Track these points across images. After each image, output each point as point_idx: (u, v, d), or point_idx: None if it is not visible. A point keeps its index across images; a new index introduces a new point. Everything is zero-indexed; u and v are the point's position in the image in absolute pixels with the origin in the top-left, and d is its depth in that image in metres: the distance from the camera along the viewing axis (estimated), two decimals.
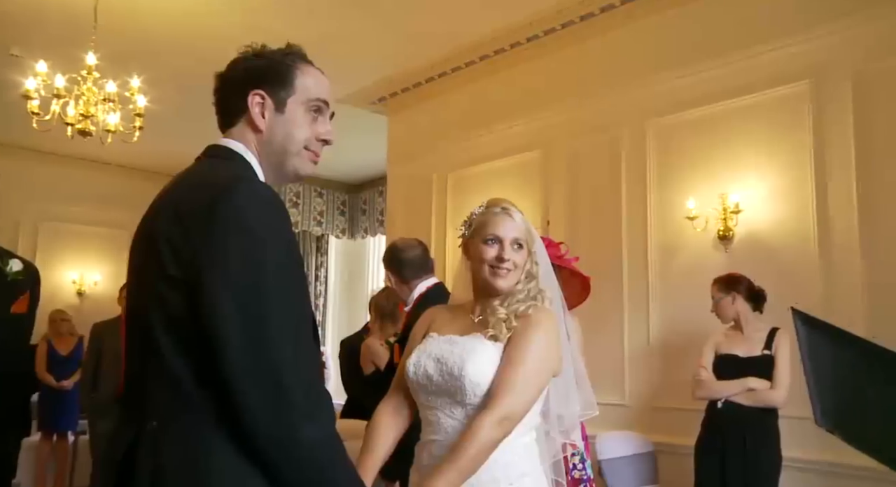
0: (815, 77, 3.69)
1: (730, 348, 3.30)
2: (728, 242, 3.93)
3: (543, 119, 4.96)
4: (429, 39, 5.14)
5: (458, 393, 1.68)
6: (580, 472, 2.89)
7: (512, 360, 1.67)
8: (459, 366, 1.68)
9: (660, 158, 4.30)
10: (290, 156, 1.34)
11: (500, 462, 1.65)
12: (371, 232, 8.51)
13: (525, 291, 1.78)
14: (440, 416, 1.72)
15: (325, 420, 1.13)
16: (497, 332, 1.72)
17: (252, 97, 1.31)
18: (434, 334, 1.83)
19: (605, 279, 4.17)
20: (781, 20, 3.81)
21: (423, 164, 5.89)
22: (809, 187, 3.67)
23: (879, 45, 3.47)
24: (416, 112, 5.99)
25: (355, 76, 5.68)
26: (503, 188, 5.00)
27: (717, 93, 4.02)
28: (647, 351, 4.21)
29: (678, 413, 3.78)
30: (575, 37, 4.78)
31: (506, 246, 1.76)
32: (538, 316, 1.74)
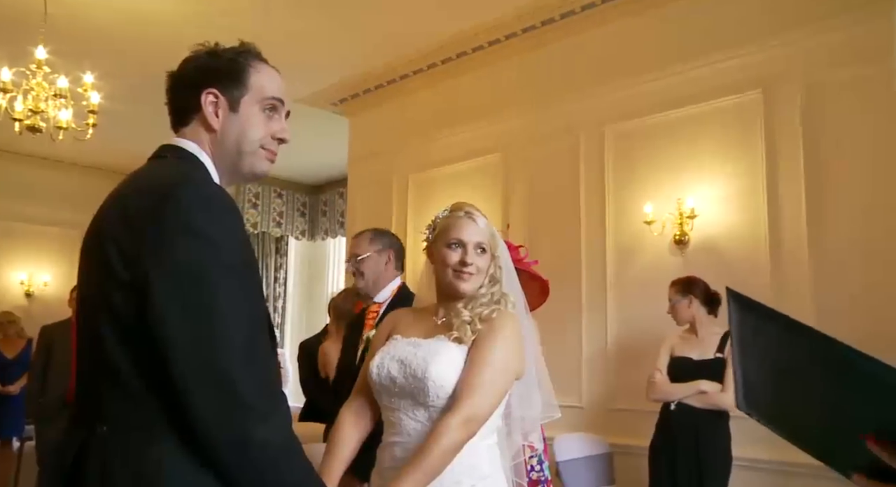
0: (766, 87, 3.79)
1: (684, 351, 3.37)
2: (684, 246, 4.01)
3: (504, 122, 5.00)
4: (390, 41, 5.13)
5: (420, 394, 1.69)
6: (538, 473, 2.91)
7: (477, 363, 1.68)
8: (423, 368, 1.69)
9: (618, 163, 4.37)
10: (245, 156, 1.32)
11: (463, 464, 1.65)
12: (331, 233, 8.46)
13: (489, 295, 1.80)
14: (402, 418, 1.72)
15: (280, 421, 1.12)
16: (461, 335, 1.73)
17: (205, 96, 1.29)
18: (397, 336, 1.84)
19: (564, 282, 4.21)
20: (735, 31, 3.91)
21: (385, 166, 5.88)
22: (761, 194, 3.77)
23: (828, 58, 3.58)
24: (378, 113, 5.97)
25: (316, 76, 5.64)
26: (464, 191, 5.02)
27: (674, 101, 4.10)
28: (604, 354, 4.26)
29: (634, 414, 3.84)
30: (535, 41, 4.83)
31: (469, 251, 1.78)
32: (502, 319, 1.75)
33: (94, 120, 4.48)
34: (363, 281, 2.73)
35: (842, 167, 3.52)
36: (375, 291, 2.75)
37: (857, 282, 3.37)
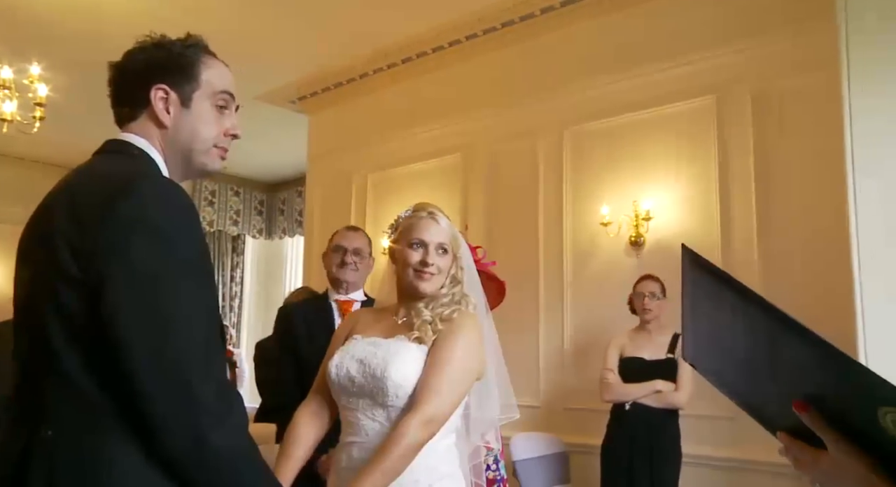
0: (719, 93, 3.89)
1: (635, 351, 3.41)
2: (639, 248, 4.08)
3: (464, 123, 5.01)
4: (350, 39, 5.10)
5: (379, 394, 1.68)
6: (494, 473, 2.92)
7: (437, 363, 1.68)
8: (382, 368, 1.68)
9: (576, 165, 4.42)
10: (197, 154, 1.30)
11: (421, 464, 1.65)
12: (289, 232, 8.37)
13: (450, 295, 1.80)
14: (361, 418, 1.71)
15: (236, 422, 1.10)
16: (422, 334, 1.73)
17: (155, 92, 1.26)
18: (357, 336, 1.83)
19: (522, 282, 4.25)
20: (690, 38, 4.00)
21: (344, 165, 5.85)
22: (714, 197, 3.86)
23: (776, 66, 3.69)
24: (337, 112, 5.93)
25: (274, 73, 5.57)
26: (424, 191, 5.02)
27: (631, 104, 4.17)
28: (561, 353, 4.31)
29: (590, 413, 3.88)
30: (496, 43, 4.85)
31: (430, 251, 1.78)
32: (463, 320, 1.76)
33: (42, 113, 4.35)
34: (356, 276, 2.72)
35: (789, 172, 3.63)
36: (356, 289, 2.75)
37: (800, 283, 3.48)
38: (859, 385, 0.72)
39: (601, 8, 4.36)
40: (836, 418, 0.77)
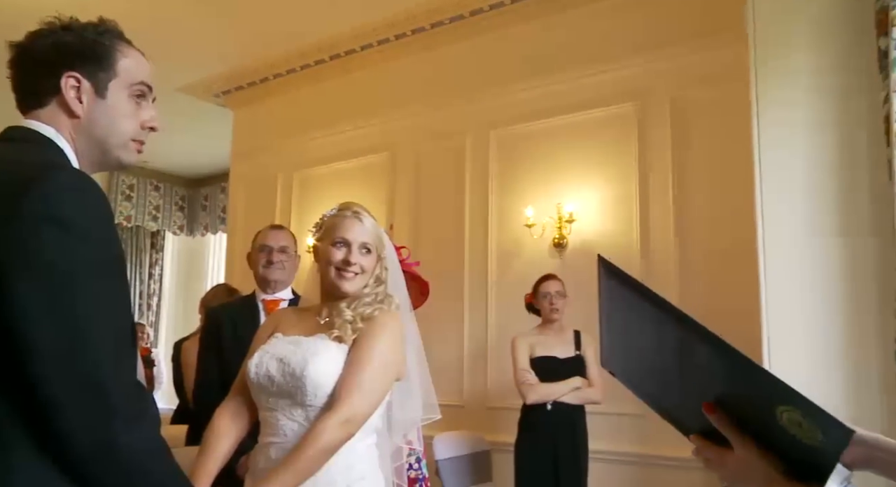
0: (639, 100, 4.02)
1: (546, 350, 3.45)
2: (562, 249, 4.17)
3: (391, 122, 5.01)
4: (278, 34, 5.01)
5: (298, 393, 1.66)
6: (416, 472, 2.93)
7: (357, 362, 1.67)
8: (302, 367, 1.66)
9: (501, 167, 4.49)
10: (113, 148, 1.24)
11: (339, 464, 1.64)
12: (212, 229, 8.15)
13: (373, 295, 1.80)
14: (280, 418, 1.69)
15: (148, 424, 1.07)
16: (342, 334, 1.72)
17: (66, 80, 1.19)
18: (279, 334, 1.80)
19: (447, 282, 4.28)
20: (612, 45, 4.11)
21: (269, 162, 5.74)
22: (634, 201, 3.99)
23: (692, 76, 3.85)
24: (263, 107, 5.82)
25: (198, 65, 5.42)
26: (349, 190, 4.99)
27: (556, 108, 4.26)
28: (485, 353, 4.36)
29: (513, 412, 3.93)
30: (425, 43, 4.87)
31: (353, 250, 1.77)
32: (384, 318, 1.75)
33: None
34: (283, 275, 2.70)
35: (704, 178, 3.78)
36: (283, 287, 2.72)
37: (712, 284, 3.63)
38: (759, 386, 0.76)
39: (528, 13, 4.44)
40: (742, 419, 0.81)
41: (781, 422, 0.75)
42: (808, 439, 0.73)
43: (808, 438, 0.73)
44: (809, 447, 0.74)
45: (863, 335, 2.49)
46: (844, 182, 2.57)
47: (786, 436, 0.75)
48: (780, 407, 0.74)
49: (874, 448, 0.94)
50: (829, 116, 2.61)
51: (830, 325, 2.54)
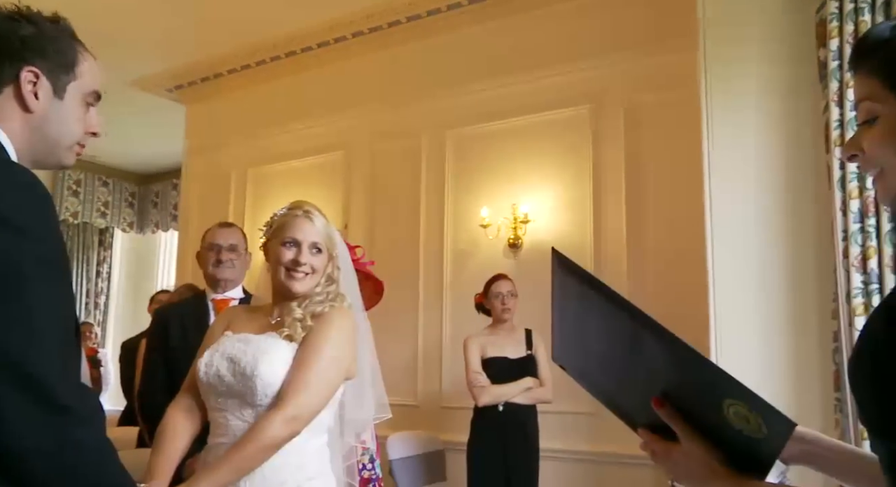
0: (594, 103, 4.08)
1: (498, 350, 3.47)
2: (517, 250, 4.20)
3: (347, 121, 4.98)
4: (232, 29, 4.93)
5: (249, 393, 1.64)
6: (370, 472, 2.92)
7: (305, 359, 1.65)
8: (252, 366, 1.64)
9: (457, 167, 4.50)
10: (60, 150, 1.22)
11: (290, 464, 1.63)
12: (163, 226, 7.98)
13: (324, 294, 1.78)
14: (229, 418, 1.66)
15: (96, 425, 1.05)
16: (292, 332, 1.70)
17: (26, 73, 1.16)
18: (229, 333, 1.78)
19: (402, 282, 4.28)
20: (568, 48, 4.17)
21: (223, 158, 5.66)
22: (588, 202, 4.05)
23: (646, 79, 3.92)
24: (217, 103, 5.72)
25: (150, 59, 5.30)
26: (304, 188, 4.95)
27: (512, 110, 4.30)
28: (439, 353, 4.37)
29: (467, 412, 3.95)
30: (382, 42, 4.85)
31: (303, 250, 1.75)
32: (334, 315, 1.74)
33: None
34: (233, 273, 2.65)
35: (656, 180, 3.86)
36: (234, 286, 2.68)
37: (663, 284, 3.71)
38: (707, 380, 0.79)
39: (485, 14, 4.46)
40: (689, 413, 0.83)
41: (727, 416, 0.77)
42: (752, 432, 0.76)
43: (752, 431, 0.75)
44: (753, 440, 0.76)
45: (804, 334, 2.58)
46: (790, 186, 2.66)
47: (731, 430, 0.78)
48: (727, 401, 0.76)
49: (813, 445, 0.97)
50: (775, 122, 2.70)
51: (775, 325, 2.63)
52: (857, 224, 2.35)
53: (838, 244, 2.40)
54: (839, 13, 2.43)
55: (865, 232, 2.33)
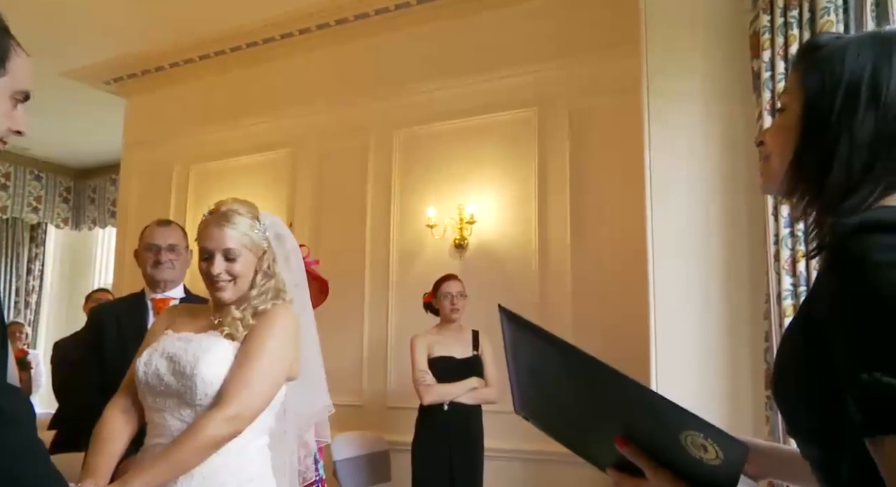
0: (540, 106, 4.14)
1: (445, 350, 3.49)
2: (463, 250, 4.23)
3: (294, 118, 4.92)
4: (176, 22, 4.81)
5: (188, 393, 1.61)
6: (313, 473, 2.89)
7: (246, 357, 1.63)
8: (192, 365, 1.61)
9: (405, 167, 4.51)
10: None
11: (230, 466, 1.60)
12: (100, 223, 7.73)
13: (263, 291, 1.75)
14: (168, 419, 1.63)
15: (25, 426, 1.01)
16: (233, 331, 1.67)
17: None
18: (169, 331, 1.75)
19: (348, 281, 4.27)
20: (516, 51, 4.21)
21: (164, 154, 5.52)
22: (533, 204, 4.10)
23: (591, 84, 4.00)
24: (159, 97, 5.58)
25: (87, 50, 5.12)
26: (249, 185, 4.87)
27: (459, 111, 4.32)
28: (385, 353, 4.37)
29: (413, 412, 3.96)
30: (329, 39, 4.82)
31: (216, 261, 1.70)
32: (276, 312, 1.71)
33: None
34: (173, 274, 2.57)
35: (600, 182, 3.94)
36: (174, 286, 2.61)
37: (607, 284, 3.79)
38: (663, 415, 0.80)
39: (434, 15, 4.47)
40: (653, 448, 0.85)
41: (687, 447, 0.79)
42: (711, 460, 0.78)
43: (711, 459, 0.78)
44: (713, 467, 0.78)
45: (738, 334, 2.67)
46: (727, 191, 2.75)
47: (692, 460, 0.80)
48: (684, 432, 0.78)
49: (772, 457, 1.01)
50: (714, 128, 2.79)
51: (711, 324, 2.72)
52: (787, 229, 2.45)
53: (770, 248, 2.49)
54: (770, 26, 2.53)
55: (795, 236, 2.43)
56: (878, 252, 0.68)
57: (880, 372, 0.65)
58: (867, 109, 0.82)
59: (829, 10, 2.40)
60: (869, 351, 0.68)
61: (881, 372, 0.65)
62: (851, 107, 0.83)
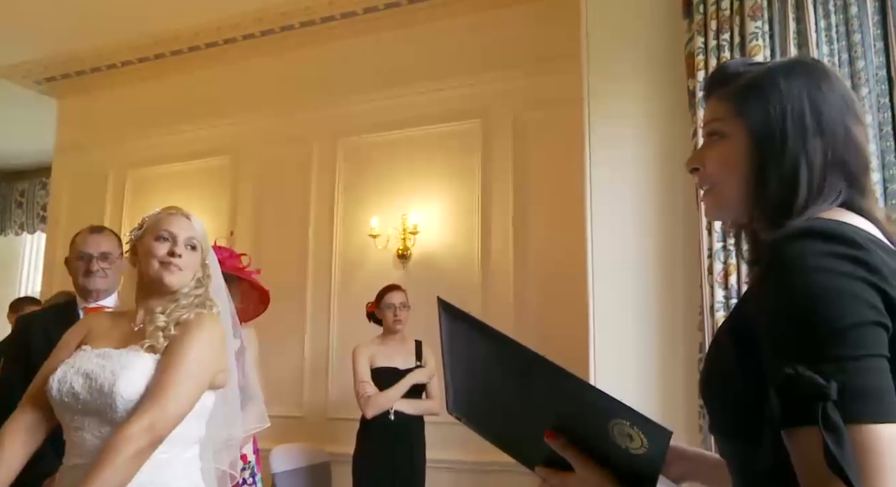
0: (484, 117, 4.19)
1: (387, 360, 3.46)
2: (406, 260, 4.23)
3: (236, 125, 4.84)
4: (115, 22, 4.66)
5: (108, 410, 1.55)
6: (250, 486, 2.84)
7: (166, 365, 1.58)
8: (111, 382, 1.55)
9: (348, 176, 4.48)
10: None
11: (157, 480, 1.55)
12: (28, 228, 7.42)
13: (191, 297, 1.72)
14: (87, 438, 1.57)
15: None
16: (154, 342, 1.62)
17: None
18: (87, 347, 1.67)
19: (289, 291, 4.21)
20: (461, 63, 4.25)
21: (100, 158, 5.34)
22: (476, 214, 4.13)
23: (534, 96, 4.06)
24: (94, 99, 5.40)
25: (16, 47, 4.92)
26: (189, 192, 4.77)
27: (404, 120, 4.33)
28: (326, 364, 4.32)
29: (355, 423, 3.92)
30: (274, 46, 4.76)
31: (179, 243, 1.71)
32: (198, 321, 1.67)
33: None
34: (106, 283, 2.46)
35: (542, 194, 4.01)
36: (107, 295, 2.50)
37: (549, 295, 3.85)
38: (593, 404, 0.82)
39: (379, 25, 4.48)
40: (581, 440, 0.87)
41: (614, 436, 0.81)
42: (637, 448, 0.80)
43: (636, 448, 0.80)
44: (638, 456, 0.81)
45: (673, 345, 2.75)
46: (664, 206, 2.84)
47: (619, 450, 0.82)
48: (612, 422, 0.80)
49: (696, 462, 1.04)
50: (652, 144, 2.88)
51: (647, 335, 2.79)
52: (720, 243, 2.54)
53: (703, 261, 2.58)
54: (704, 48, 2.63)
55: (727, 250, 2.53)
56: (812, 256, 0.74)
57: (802, 366, 0.70)
58: (814, 135, 0.87)
59: (757, 35, 2.51)
60: (793, 347, 0.73)
61: (803, 366, 0.70)
62: (802, 133, 0.87)
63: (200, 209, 1.86)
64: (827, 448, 0.66)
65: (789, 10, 2.50)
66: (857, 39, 2.40)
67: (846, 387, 0.69)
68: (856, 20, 2.40)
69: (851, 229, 0.79)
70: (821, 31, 2.46)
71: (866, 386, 0.70)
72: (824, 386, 0.68)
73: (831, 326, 0.71)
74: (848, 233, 0.77)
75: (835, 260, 0.74)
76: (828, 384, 0.68)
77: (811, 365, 0.70)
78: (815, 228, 0.78)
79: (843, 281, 0.72)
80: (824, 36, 2.46)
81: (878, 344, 0.72)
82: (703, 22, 2.66)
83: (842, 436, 0.67)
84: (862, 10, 2.40)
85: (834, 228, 0.78)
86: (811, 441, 0.68)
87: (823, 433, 0.67)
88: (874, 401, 0.69)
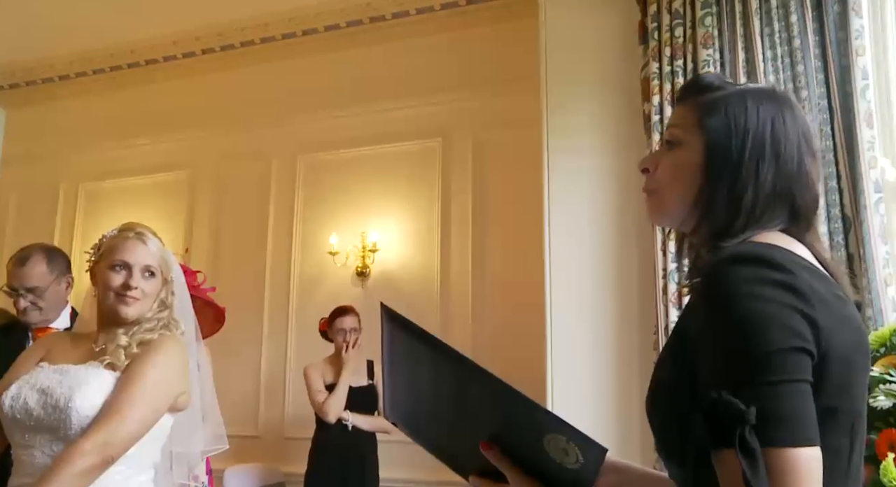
0: (444, 137, 4.23)
1: (339, 378, 3.45)
2: (365, 278, 4.21)
3: (194, 140, 4.79)
4: (69, 32, 4.56)
5: (62, 427, 1.51)
6: None
7: (125, 383, 1.55)
8: (67, 397, 1.51)
9: (308, 193, 4.46)
10: None
11: None
12: None
13: (155, 321, 1.70)
14: (37, 456, 1.52)
15: None
16: (114, 360, 1.59)
17: None
18: (44, 364, 1.63)
19: (246, 308, 4.16)
20: (422, 82, 4.28)
21: (50, 171, 5.20)
22: (436, 233, 4.15)
23: (494, 117, 4.12)
24: (46, 110, 5.27)
25: None
26: (144, 207, 4.68)
27: (364, 138, 4.34)
28: (283, 383, 4.26)
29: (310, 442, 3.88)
30: (234, 61, 4.73)
31: (135, 273, 1.67)
32: (161, 341, 1.66)
33: None
34: (40, 316, 2.35)
35: (501, 213, 4.05)
36: (50, 322, 2.41)
37: (507, 315, 3.87)
38: (529, 417, 0.83)
39: (341, 43, 4.49)
40: (516, 453, 0.87)
41: (549, 450, 0.82)
42: (571, 463, 0.81)
43: (571, 462, 0.81)
44: (572, 470, 0.82)
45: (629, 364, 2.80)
46: (620, 227, 2.89)
47: (553, 464, 0.83)
48: (548, 436, 0.81)
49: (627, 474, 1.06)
50: (609, 166, 2.94)
51: (603, 354, 2.83)
52: (674, 263, 2.60)
53: (658, 282, 2.64)
54: (659, 73, 2.71)
55: (681, 270, 2.58)
56: (742, 283, 0.76)
57: (727, 390, 0.72)
58: (770, 161, 0.88)
59: (709, 62, 2.60)
60: (721, 372, 0.75)
61: (727, 390, 0.72)
62: (759, 157, 0.88)
63: (156, 224, 1.82)
64: (743, 472, 0.69)
65: (738, 40, 2.60)
66: (801, 70, 2.50)
67: (765, 412, 0.71)
68: (799, 52, 2.50)
69: (781, 253, 0.81)
70: (768, 61, 2.56)
71: (784, 410, 0.72)
72: (744, 412, 0.71)
73: (754, 353, 0.73)
74: (777, 258, 0.79)
75: (763, 286, 0.76)
76: (747, 409, 0.71)
77: (734, 391, 0.72)
78: (747, 253, 0.80)
79: (770, 308, 0.75)
80: (770, 66, 2.56)
81: (800, 369, 0.74)
82: (658, 48, 2.74)
83: (756, 460, 0.69)
84: (804, 43, 2.50)
85: (764, 253, 0.80)
86: (732, 464, 0.71)
87: (740, 456, 0.69)
88: (791, 426, 0.72)
